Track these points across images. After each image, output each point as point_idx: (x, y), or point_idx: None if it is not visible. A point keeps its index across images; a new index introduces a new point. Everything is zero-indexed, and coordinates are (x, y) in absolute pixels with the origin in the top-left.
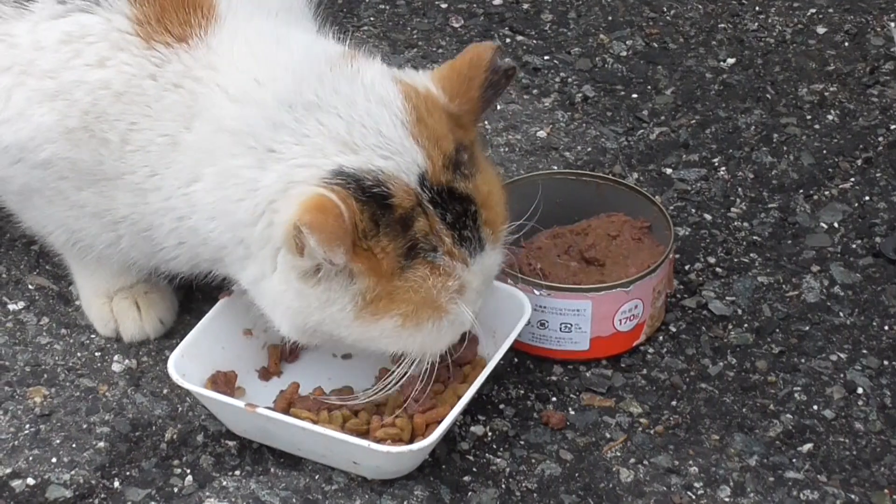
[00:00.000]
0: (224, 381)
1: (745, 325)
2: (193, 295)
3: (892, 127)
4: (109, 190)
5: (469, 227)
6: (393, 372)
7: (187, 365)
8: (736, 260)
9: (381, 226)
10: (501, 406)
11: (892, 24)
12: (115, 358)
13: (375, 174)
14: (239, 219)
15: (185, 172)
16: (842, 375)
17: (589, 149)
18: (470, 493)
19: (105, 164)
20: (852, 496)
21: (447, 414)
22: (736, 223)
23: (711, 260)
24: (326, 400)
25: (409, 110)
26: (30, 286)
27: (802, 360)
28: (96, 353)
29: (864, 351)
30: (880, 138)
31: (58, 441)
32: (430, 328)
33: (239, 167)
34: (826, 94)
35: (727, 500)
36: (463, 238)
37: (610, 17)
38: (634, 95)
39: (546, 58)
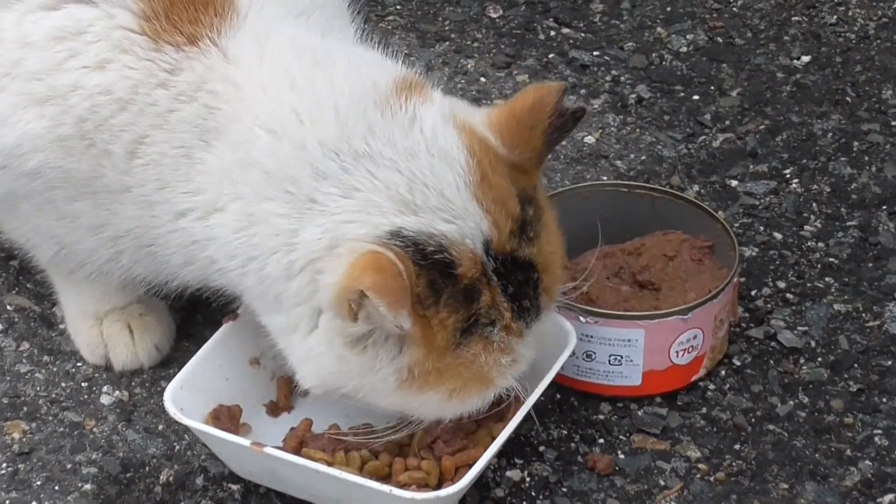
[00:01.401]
0: (228, 417)
1: (819, 359)
2: (194, 318)
3: None
4: (110, 203)
5: (529, 296)
6: None
7: (186, 397)
8: (809, 285)
9: (444, 296)
10: (541, 448)
11: None
12: (105, 389)
13: (438, 239)
14: (269, 272)
15: (204, 198)
16: None
17: (643, 157)
18: None
19: (106, 177)
20: None
21: (479, 456)
22: (810, 243)
23: (781, 284)
24: (342, 438)
25: (473, 168)
26: (8, 307)
27: (884, 400)
28: (83, 384)
29: None
30: None
31: (39, 482)
32: (475, 401)
33: (272, 213)
34: None
35: None
36: (522, 309)
37: (668, 8)
38: (695, 97)
39: (595, 53)
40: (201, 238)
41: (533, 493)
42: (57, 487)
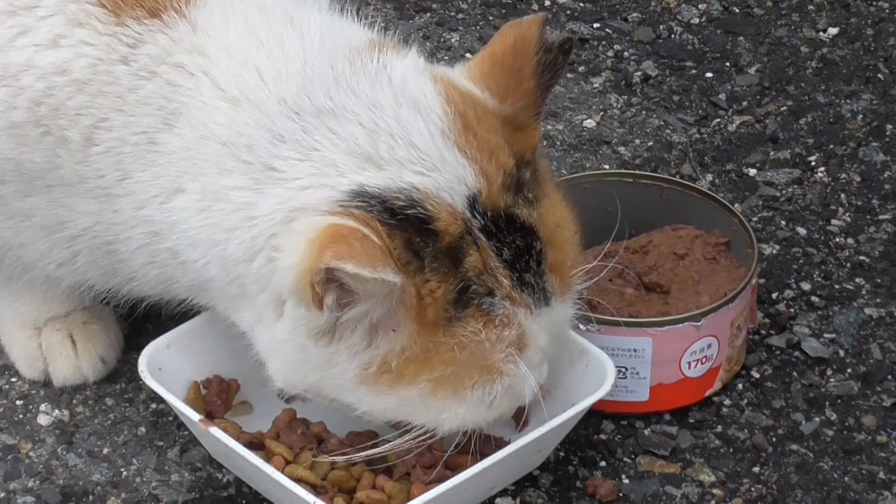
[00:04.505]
0: (218, 390)
1: (849, 371)
2: (143, 328)
3: None
4: (66, 198)
5: (532, 269)
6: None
7: (172, 358)
8: (837, 287)
9: (427, 258)
10: (536, 472)
11: None
12: (43, 407)
13: (408, 192)
14: (230, 253)
15: (165, 181)
16: None
17: (650, 143)
18: None
19: (63, 168)
20: None
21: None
22: (837, 239)
23: (806, 286)
24: (344, 451)
25: (452, 116)
26: None
27: None
28: (17, 402)
29: None
30: None
31: None
32: (476, 397)
33: (229, 187)
34: None
35: None
36: (524, 283)
37: None
38: (709, 75)
39: (596, 26)
40: (162, 226)
41: None
42: None
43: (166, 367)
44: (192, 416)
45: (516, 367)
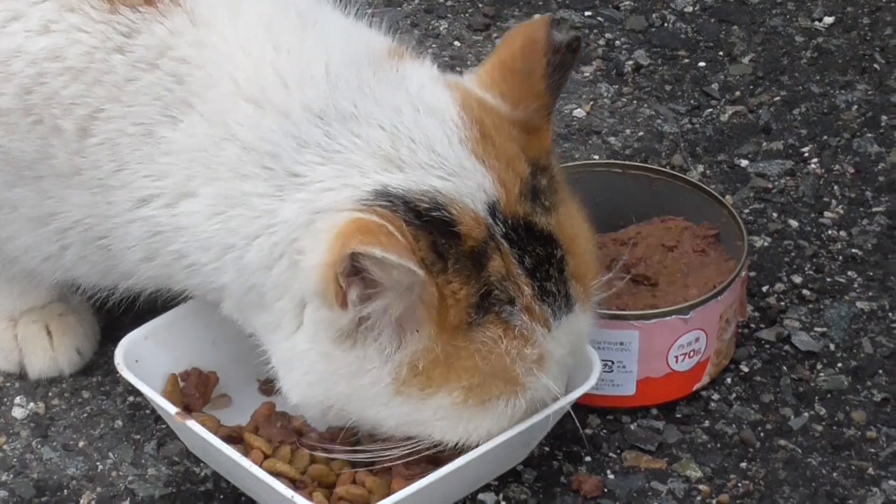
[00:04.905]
0: (197, 383)
1: (839, 365)
2: (120, 320)
3: None
4: (58, 189)
5: (554, 278)
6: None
7: (149, 349)
8: (829, 280)
9: (451, 260)
10: (519, 468)
11: None
12: (17, 400)
13: (432, 195)
14: (249, 260)
15: (170, 182)
16: None
17: (641, 133)
18: None
19: (56, 159)
20: None
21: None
22: (830, 231)
23: (797, 279)
24: (327, 447)
25: (468, 125)
26: None
27: None
28: None
29: None
30: None
31: None
32: (501, 410)
33: (250, 194)
34: None
35: None
36: (545, 292)
37: None
38: (701, 64)
39: (587, 14)
40: (167, 229)
41: None
42: None
43: (143, 359)
44: (168, 408)
45: (536, 380)
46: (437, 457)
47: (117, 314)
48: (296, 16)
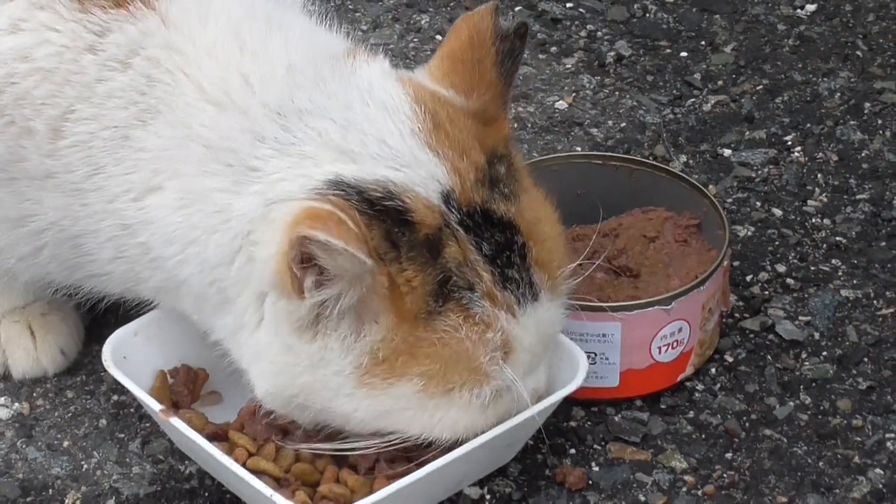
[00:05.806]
0: (185, 379)
1: (824, 354)
2: (105, 319)
3: None
4: (33, 191)
5: (516, 265)
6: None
7: (138, 346)
8: (813, 268)
9: (404, 248)
10: None
11: None
12: (1, 401)
13: (384, 185)
14: (209, 256)
15: (139, 177)
16: None
17: (623, 124)
18: None
19: (28, 161)
20: None
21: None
22: (814, 220)
23: (781, 268)
24: (313, 445)
25: (421, 117)
26: None
27: None
28: None
29: None
30: None
31: None
32: (466, 399)
33: (211, 189)
34: None
35: None
36: (507, 279)
37: None
38: (683, 54)
39: (569, 6)
40: (134, 222)
41: None
42: None
43: (132, 356)
44: (153, 405)
45: (502, 371)
46: (420, 457)
47: (100, 313)
48: (263, 19)
